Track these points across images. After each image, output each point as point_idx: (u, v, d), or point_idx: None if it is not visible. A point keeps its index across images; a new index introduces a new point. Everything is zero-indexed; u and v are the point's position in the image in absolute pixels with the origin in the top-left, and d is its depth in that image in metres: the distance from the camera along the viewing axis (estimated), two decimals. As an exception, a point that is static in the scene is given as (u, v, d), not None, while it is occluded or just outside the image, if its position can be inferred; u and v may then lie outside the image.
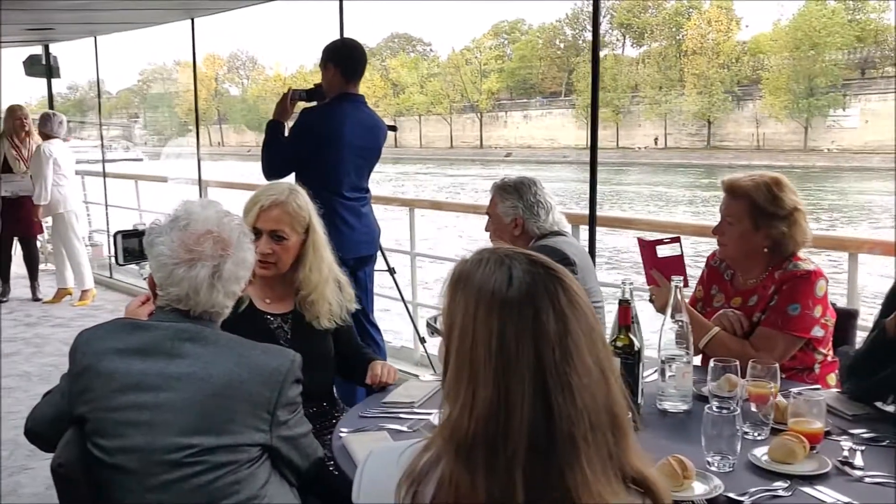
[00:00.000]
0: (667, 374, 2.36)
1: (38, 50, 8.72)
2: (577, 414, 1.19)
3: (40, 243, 8.33)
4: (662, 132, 58.48)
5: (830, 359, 2.76)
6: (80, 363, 1.94)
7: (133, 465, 1.86)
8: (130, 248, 2.24)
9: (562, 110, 64.83)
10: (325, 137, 4.16)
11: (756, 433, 2.13)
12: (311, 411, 2.40)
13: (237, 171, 28.92)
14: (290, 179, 4.39)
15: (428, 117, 71.28)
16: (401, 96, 72.43)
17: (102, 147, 9.30)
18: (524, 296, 1.22)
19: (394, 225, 6.85)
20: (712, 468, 1.94)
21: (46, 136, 7.46)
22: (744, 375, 2.21)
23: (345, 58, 4.29)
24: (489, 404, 1.19)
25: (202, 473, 1.85)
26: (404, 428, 2.29)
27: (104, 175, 8.67)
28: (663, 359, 2.37)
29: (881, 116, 47.78)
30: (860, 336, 2.85)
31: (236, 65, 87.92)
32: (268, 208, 2.61)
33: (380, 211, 4.78)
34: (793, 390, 2.21)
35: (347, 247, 3.84)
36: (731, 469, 1.94)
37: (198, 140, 7.50)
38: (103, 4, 5.57)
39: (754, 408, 2.14)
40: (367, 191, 4.45)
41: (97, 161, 9.88)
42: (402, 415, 2.39)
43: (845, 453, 2.03)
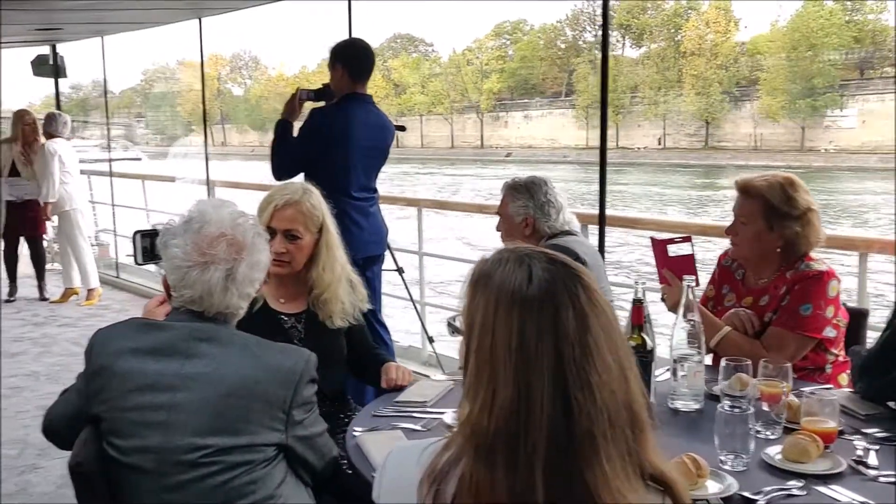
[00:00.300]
0: (679, 373, 2.35)
1: (45, 50, 8.71)
2: (596, 411, 1.18)
3: (46, 243, 8.32)
4: (661, 132, 58.50)
5: (842, 359, 2.75)
6: (96, 363, 1.94)
7: (149, 465, 1.85)
8: (149, 248, 2.22)
9: (562, 110, 64.83)
10: (333, 137, 4.15)
11: (769, 432, 2.11)
12: (323, 410, 2.39)
13: (241, 171, 28.92)
14: (299, 179, 4.40)
15: (429, 117, 71.27)
16: (402, 96, 72.39)
17: (109, 146, 9.26)
18: (544, 294, 1.22)
19: (396, 224, 6.85)
20: (726, 467, 1.93)
21: (50, 135, 7.46)
22: (755, 375, 2.20)
23: (353, 58, 4.29)
24: (509, 403, 1.19)
25: (218, 473, 1.85)
26: (418, 427, 2.29)
27: (111, 175, 8.65)
28: (675, 358, 2.36)
29: (879, 116, 47.79)
30: (871, 336, 2.84)
31: (239, 65, 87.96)
32: (282, 208, 2.61)
33: (384, 210, 4.76)
34: (805, 390, 2.20)
35: (356, 247, 3.80)
36: (744, 468, 1.93)
37: (206, 140, 7.51)
38: (112, 4, 5.56)
39: (766, 407, 2.13)
40: (374, 191, 4.44)
41: (98, 160, 9.88)
42: (415, 414, 2.38)
43: (859, 452, 2.01)
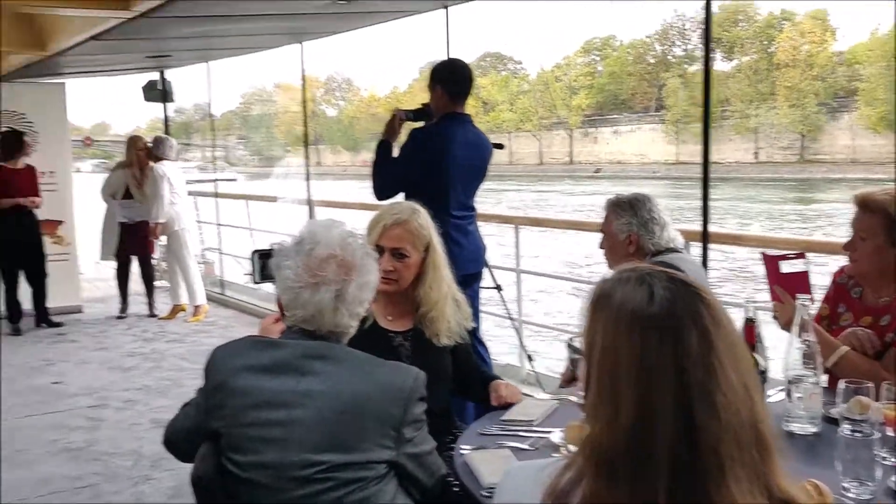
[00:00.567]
0: (794, 395, 2.25)
1: (154, 76, 9.02)
2: (721, 431, 1.16)
3: (155, 262, 8.59)
4: (753, 146, 57.11)
5: (970, 383, 2.61)
6: (215, 379, 1.98)
7: (266, 480, 1.88)
8: (266, 268, 2.28)
9: (651, 125, 63.96)
10: (433, 157, 4.17)
11: (895, 458, 2.01)
12: (429, 428, 2.40)
13: (334, 190, 29.41)
14: (399, 199, 4.44)
15: (517, 134, 71.22)
16: (490, 114, 72.54)
17: (215, 168, 9.51)
18: (666, 313, 1.20)
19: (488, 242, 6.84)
20: (850, 495, 1.83)
21: (158, 158, 7.72)
22: (877, 398, 2.10)
23: (451, 78, 4.30)
24: (631, 423, 1.17)
25: (332, 490, 1.86)
26: (525, 446, 2.26)
27: (216, 195, 8.89)
28: (790, 379, 2.27)
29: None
30: None
31: (332, 87, 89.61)
32: (391, 227, 2.64)
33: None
34: (934, 414, 2.09)
35: (456, 265, 3.80)
36: (870, 496, 1.82)
37: (307, 160, 7.64)
38: (219, 31, 5.72)
39: (891, 432, 2.03)
40: (473, 209, 4.44)
41: (198, 181, 10.15)
42: (521, 433, 2.36)
43: None
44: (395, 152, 4.32)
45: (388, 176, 4.28)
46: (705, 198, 3.97)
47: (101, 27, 5.32)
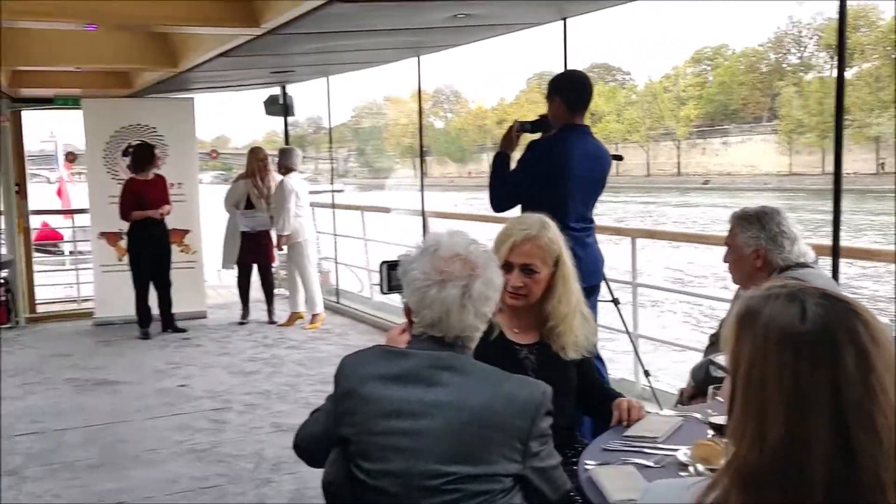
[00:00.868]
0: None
1: (276, 90, 9.26)
2: (882, 455, 1.11)
3: (274, 270, 8.79)
4: (873, 156, 54.67)
5: None
6: (345, 387, 2.00)
7: (394, 488, 1.89)
8: (394, 278, 2.29)
9: (763, 136, 62.05)
10: (551, 169, 4.12)
11: None
12: (553, 442, 2.36)
13: (441, 201, 29.62)
14: (516, 211, 4.40)
15: (624, 145, 70.18)
16: (598, 125, 71.81)
17: (333, 180, 9.70)
18: (820, 331, 1.17)
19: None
20: None
21: (288, 168, 7.88)
22: None
23: (571, 89, 4.26)
24: (780, 442, 1.15)
25: (460, 501, 1.85)
26: (650, 463, 2.21)
27: (333, 206, 9.04)
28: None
29: None
30: None
31: (440, 99, 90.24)
32: (520, 243, 2.61)
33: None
34: None
35: (574, 278, 3.77)
36: None
37: (422, 172, 7.71)
38: (341, 46, 5.82)
39: None
40: (591, 221, 4.37)
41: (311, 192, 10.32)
42: (646, 449, 2.31)
43: None
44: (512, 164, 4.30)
45: (505, 188, 4.26)
46: (836, 210, 3.80)
47: (231, 44, 5.48)
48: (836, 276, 3.81)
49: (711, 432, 2.25)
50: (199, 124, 8.79)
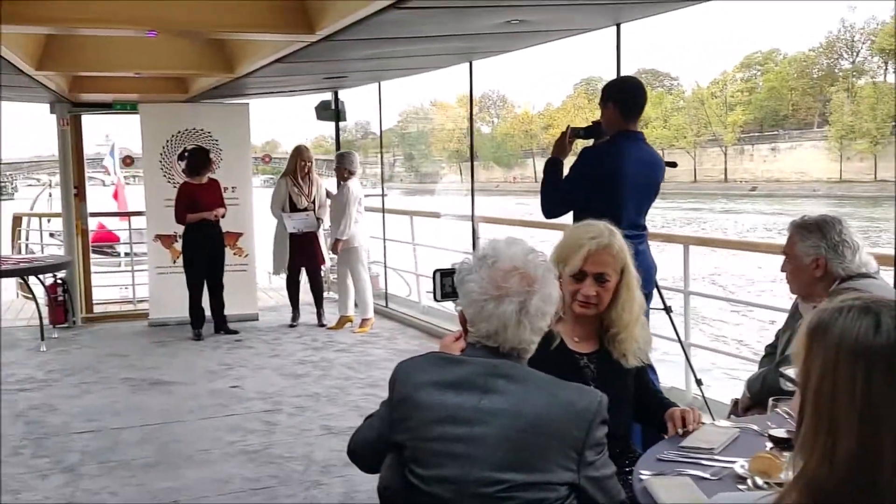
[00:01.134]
0: None
1: (327, 95, 9.32)
2: None
3: (323, 273, 8.83)
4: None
5: None
6: (400, 392, 2.00)
7: (448, 495, 1.88)
8: (448, 286, 2.28)
9: (813, 142, 61.06)
10: (605, 175, 4.09)
11: None
12: (608, 452, 2.34)
13: (487, 206, 29.58)
14: (567, 218, 4.36)
15: (671, 151, 69.56)
16: (644, 131, 70.90)
17: (383, 185, 9.72)
18: (895, 344, 1.15)
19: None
20: None
21: (350, 172, 7.89)
22: None
23: (624, 96, 4.22)
24: (851, 456, 1.14)
25: None
26: (707, 475, 2.18)
27: (383, 211, 9.06)
28: None
29: None
30: None
31: (487, 104, 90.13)
32: (595, 252, 2.57)
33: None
34: None
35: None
36: None
37: (472, 177, 7.67)
38: (394, 52, 5.83)
39: None
40: (644, 228, 4.32)
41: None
42: (702, 461, 2.27)
43: None
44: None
45: (558, 194, 4.24)
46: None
47: (286, 50, 5.52)
48: (898, 287, 3.70)
49: (770, 445, 2.20)
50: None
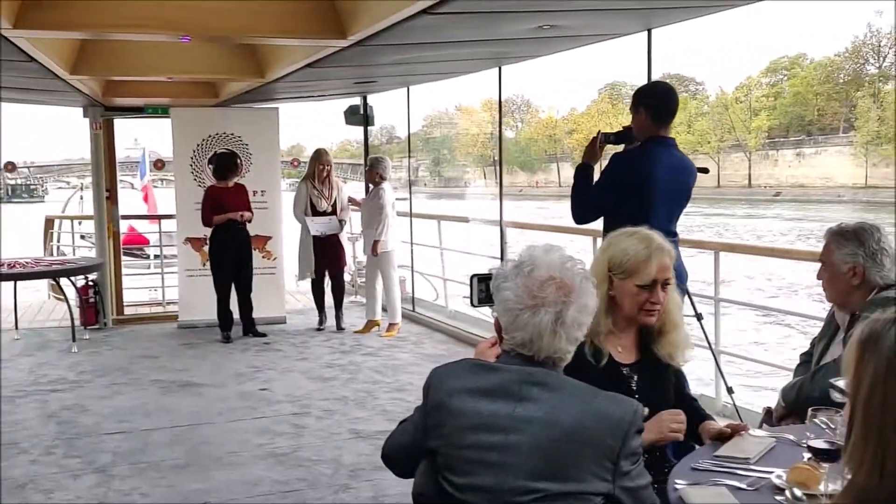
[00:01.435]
0: None
1: (355, 100, 9.34)
2: None
3: (349, 277, 8.81)
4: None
5: None
6: (434, 399, 1.97)
7: (482, 503, 1.85)
8: (484, 291, 2.25)
9: (838, 148, 60.51)
10: (635, 181, 4.04)
11: None
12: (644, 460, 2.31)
13: (510, 210, 29.51)
14: (598, 224, 4.33)
15: (694, 157, 68.84)
16: (668, 136, 70.85)
17: (410, 189, 9.70)
18: None
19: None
20: None
21: (382, 178, 7.90)
22: None
23: (656, 101, 4.17)
24: None
25: None
26: (743, 485, 2.15)
27: (410, 215, 9.05)
28: None
29: None
30: None
31: (511, 108, 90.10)
32: (662, 258, 2.56)
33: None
34: None
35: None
36: None
37: (500, 182, 7.64)
38: (424, 56, 5.82)
39: None
40: (675, 234, 4.26)
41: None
42: (738, 471, 2.24)
43: None
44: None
45: (588, 200, 4.20)
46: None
47: (318, 55, 5.52)
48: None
49: (809, 456, 2.16)
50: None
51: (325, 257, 8.15)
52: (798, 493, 2.05)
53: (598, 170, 4.27)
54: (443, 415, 1.93)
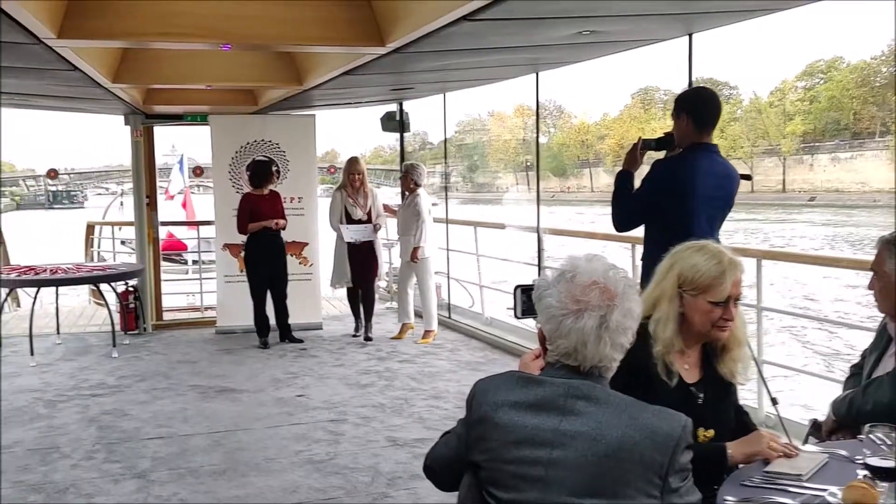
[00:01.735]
0: None
1: (392, 107, 9.32)
2: None
3: (385, 283, 8.73)
4: None
5: None
6: (477, 412, 1.92)
7: None
8: (528, 302, 2.19)
9: (874, 152, 59.61)
10: (677, 188, 3.96)
11: None
12: (699, 476, 2.23)
13: (543, 216, 29.36)
14: (639, 231, 4.25)
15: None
16: (701, 141, 70.18)
17: (447, 195, 9.65)
18: None
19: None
20: None
21: (416, 184, 7.88)
22: None
23: (699, 107, 4.08)
24: None
25: None
26: (795, 502, 2.08)
27: (447, 221, 8.99)
28: None
29: None
30: None
31: (543, 114, 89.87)
32: (735, 274, 2.46)
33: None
34: None
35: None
36: None
37: (538, 188, 7.57)
38: (462, 63, 5.77)
39: None
40: (718, 242, 4.16)
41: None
42: (790, 488, 2.17)
43: None
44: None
45: (629, 207, 4.13)
46: None
47: (356, 63, 5.50)
48: None
49: (865, 473, 2.08)
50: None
51: (358, 266, 8.08)
52: (854, 512, 1.98)
53: (639, 176, 4.19)
54: (487, 428, 1.89)
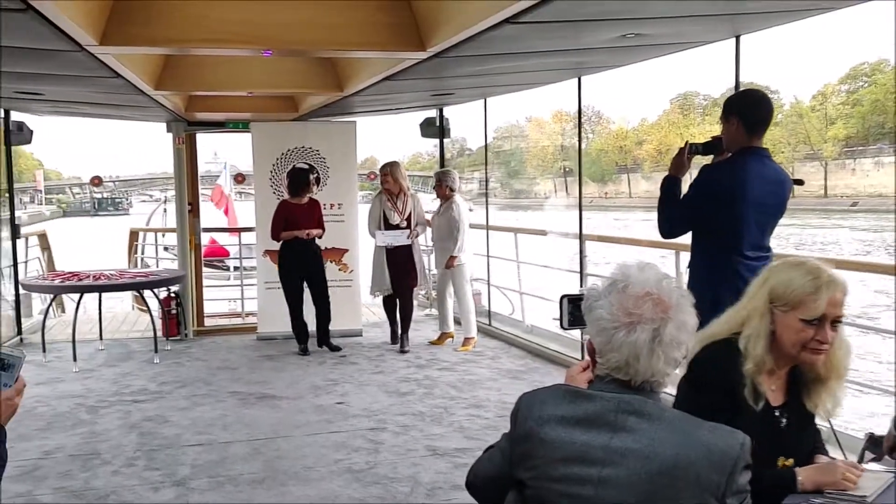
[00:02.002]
0: None
1: (431, 113, 9.25)
2: None
3: (423, 292, 8.63)
4: None
5: None
6: (523, 427, 1.83)
7: None
8: (575, 313, 2.08)
9: (919, 156, 58.40)
10: (727, 194, 3.81)
11: None
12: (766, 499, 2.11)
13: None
14: (686, 238, 4.11)
15: (768, 167, 67.52)
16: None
17: (487, 201, 9.54)
18: None
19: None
20: None
21: (451, 190, 7.83)
22: None
23: (749, 109, 3.93)
24: None
25: None
26: (860, 524, 1.94)
27: (487, 228, 8.90)
28: None
29: None
30: None
31: (582, 119, 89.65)
32: (833, 292, 2.25)
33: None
34: None
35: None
36: None
37: (580, 196, 7.41)
38: (503, 67, 5.68)
39: None
40: (769, 249, 4.01)
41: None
42: (854, 509, 2.03)
43: None
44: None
45: (676, 213, 4.00)
46: None
47: (397, 68, 5.44)
48: None
49: (935, 495, 1.94)
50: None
51: (396, 273, 7.94)
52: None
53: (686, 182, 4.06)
54: (533, 445, 1.79)
